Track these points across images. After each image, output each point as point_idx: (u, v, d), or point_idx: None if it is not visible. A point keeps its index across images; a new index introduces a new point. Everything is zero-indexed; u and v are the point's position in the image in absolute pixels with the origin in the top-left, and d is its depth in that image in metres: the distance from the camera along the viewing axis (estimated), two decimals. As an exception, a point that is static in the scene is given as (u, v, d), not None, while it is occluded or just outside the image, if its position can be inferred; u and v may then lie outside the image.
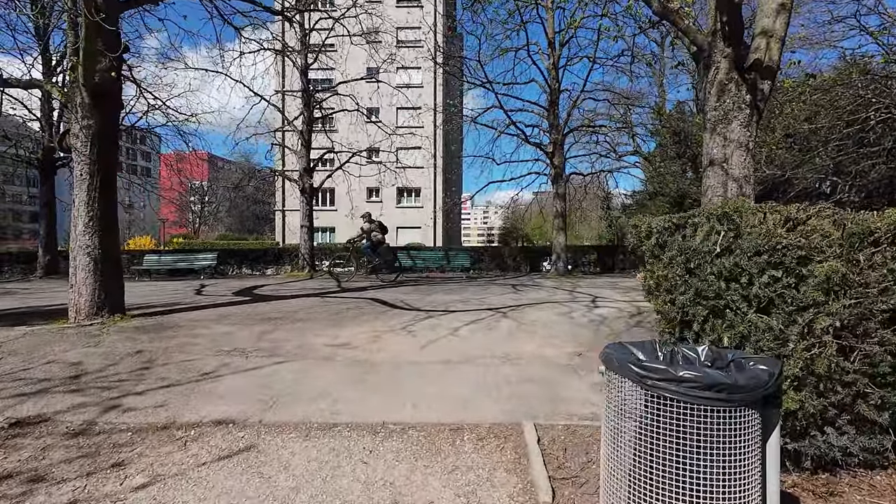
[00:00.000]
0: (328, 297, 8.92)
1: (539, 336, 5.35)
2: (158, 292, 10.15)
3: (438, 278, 14.38)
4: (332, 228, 34.58)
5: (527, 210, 19.71)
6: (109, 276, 6.26)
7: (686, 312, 2.09)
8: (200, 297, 9.18)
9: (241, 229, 64.14)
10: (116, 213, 6.53)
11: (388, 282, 12.43)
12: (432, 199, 34.10)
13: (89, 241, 6.15)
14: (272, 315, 6.69)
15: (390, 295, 9.25)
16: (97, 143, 6.29)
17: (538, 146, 15.61)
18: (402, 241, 33.02)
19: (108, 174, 6.41)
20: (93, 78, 6.26)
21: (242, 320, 6.25)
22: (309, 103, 15.50)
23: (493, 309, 7.35)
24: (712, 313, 2.04)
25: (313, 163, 15.74)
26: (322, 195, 34.27)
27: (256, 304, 7.87)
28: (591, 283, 11.97)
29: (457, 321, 6.29)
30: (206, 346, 4.73)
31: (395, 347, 4.84)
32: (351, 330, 5.72)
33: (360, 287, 11.03)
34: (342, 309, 7.37)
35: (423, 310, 7.34)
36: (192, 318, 6.42)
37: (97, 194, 6.24)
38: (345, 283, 12.07)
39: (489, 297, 8.88)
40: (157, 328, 5.58)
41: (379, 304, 7.89)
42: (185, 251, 17.11)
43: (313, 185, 15.61)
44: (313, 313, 6.94)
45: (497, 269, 17.75)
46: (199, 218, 67.50)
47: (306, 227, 15.33)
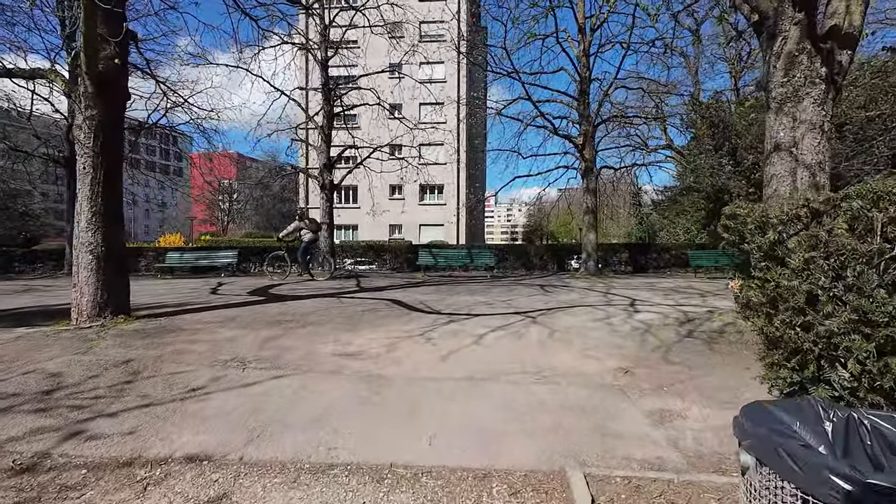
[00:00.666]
0: (344, 298, 8.45)
1: (575, 346, 4.68)
2: (175, 291, 9.91)
3: (462, 278, 13.78)
4: (354, 226, 34.46)
5: (554, 207, 18.85)
6: (113, 274, 5.92)
7: (833, 344, 1.42)
8: (214, 296, 8.86)
9: (268, 227, 65.15)
10: (122, 209, 6.19)
11: (410, 283, 11.92)
12: (455, 195, 33.48)
13: (92, 237, 5.82)
14: (283, 317, 6.24)
15: (410, 296, 8.70)
16: (101, 134, 5.95)
17: (568, 138, 14.78)
18: (425, 238, 32.58)
19: (113, 168, 6.08)
20: (96, 66, 5.92)
21: (250, 323, 5.80)
22: (329, 98, 15.12)
23: (521, 313, 6.69)
24: (885, 347, 1.35)
25: (334, 159, 15.36)
26: (345, 193, 34.18)
27: (269, 305, 7.46)
28: (626, 284, 11.12)
29: (481, 327, 5.68)
30: (203, 354, 4.28)
31: (412, 358, 4.26)
32: (365, 335, 5.19)
33: (379, 287, 10.54)
34: (357, 311, 6.86)
35: (444, 313, 6.75)
36: (198, 319, 6.03)
37: (101, 188, 5.90)
38: (364, 284, 11.61)
39: (516, 300, 8.21)
40: (158, 331, 5.18)
41: (397, 306, 7.35)
42: (207, 249, 17.07)
43: (333, 181, 15.23)
44: (326, 315, 6.45)
45: (522, 269, 17.02)
46: (227, 216, 68.95)
47: (326, 224, 14.96)
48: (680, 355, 4.28)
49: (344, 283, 11.90)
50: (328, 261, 13.12)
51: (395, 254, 17.38)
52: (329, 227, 14.99)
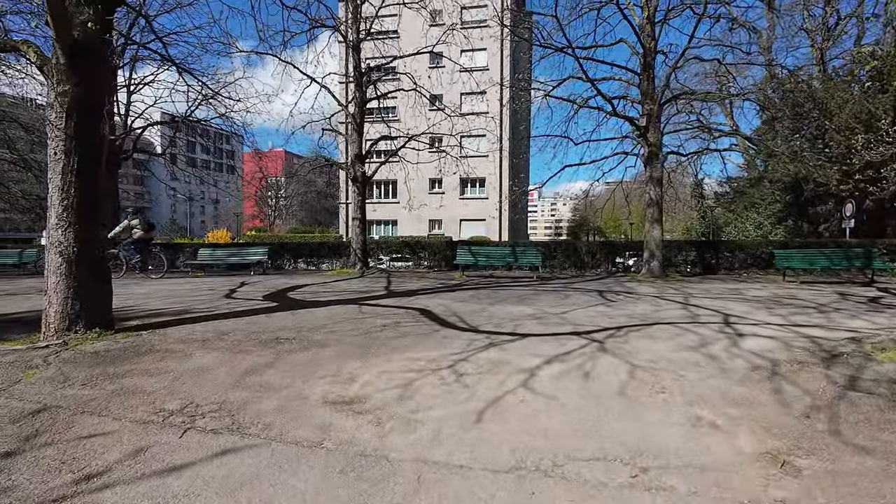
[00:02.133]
0: (367, 305, 7.25)
1: (676, 400, 3.16)
2: (191, 293, 9.14)
3: (505, 279, 12.30)
4: (393, 221, 33.64)
5: (609, 199, 16.86)
6: (88, 280, 4.99)
7: None
8: (226, 300, 7.94)
9: (313, 222, 66.26)
10: (100, 203, 5.26)
11: (446, 285, 10.61)
12: (497, 189, 31.87)
13: (62, 236, 4.91)
14: (284, 333, 5.09)
15: (443, 304, 7.38)
16: (74, 114, 5.02)
17: (629, 120, 12.87)
18: (465, 234, 31.23)
19: (90, 154, 5.14)
20: (69, 32, 4.98)
21: (241, 342, 4.69)
22: (361, 83, 14.03)
23: (583, 333, 5.19)
24: None
25: (367, 150, 14.31)
26: (384, 187, 33.44)
27: (276, 315, 6.37)
28: (704, 291, 9.23)
29: (531, 355, 4.25)
30: (151, 396, 3.15)
31: (432, 415, 2.92)
32: (375, 366, 3.91)
33: (410, 290, 9.29)
34: (376, 325, 5.62)
35: (482, 330, 5.37)
36: (183, 336, 4.99)
37: (73, 178, 4.97)
38: (395, 286, 10.42)
39: (572, 312, 6.68)
40: (121, 355, 4.15)
41: (425, 319, 6.04)
42: (238, 246, 16.59)
43: (366, 173, 14.17)
44: (337, 331, 5.25)
45: (572, 268, 15.27)
46: (274, 212, 70.79)
47: (358, 219, 13.95)
48: (862, 430, 2.66)
49: (373, 283, 10.78)
50: (162, 260, 12.82)
51: (432, 251, 16.14)
52: (361, 222, 13.96)
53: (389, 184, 32.91)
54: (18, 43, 5.18)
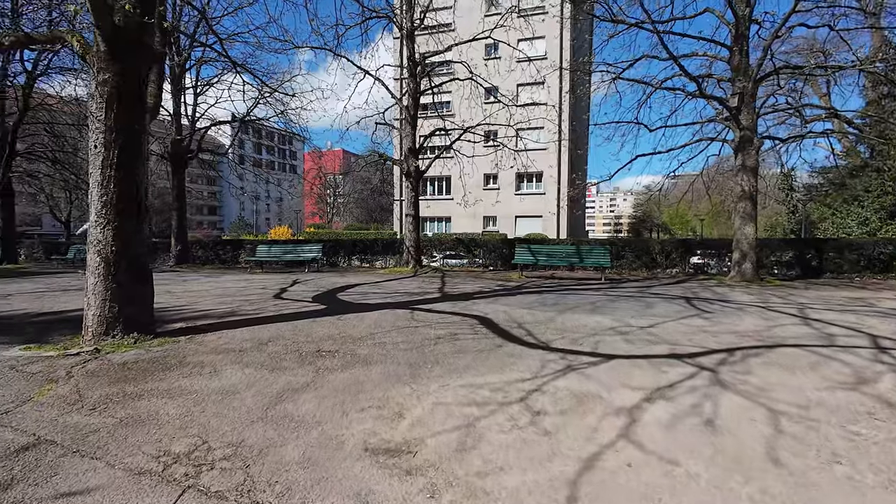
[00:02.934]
0: (419, 310, 6.56)
1: (868, 479, 2.13)
2: (243, 292, 8.97)
3: (569, 281, 11.21)
4: (447, 218, 33.08)
5: (688, 189, 15.09)
6: (128, 281, 4.69)
7: None
8: (273, 301, 7.60)
9: (369, 219, 67.55)
10: (141, 199, 4.94)
11: (504, 287, 9.75)
12: (556, 183, 30.34)
13: (101, 234, 4.63)
14: (327, 345, 4.51)
15: (504, 310, 6.54)
16: (115, 104, 4.73)
17: (719, 101, 11.26)
18: (521, 231, 30.05)
19: (131, 147, 4.83)
20: (109, 17, 4.68)
21: (279, 355, 4.15)
22: (414, 73, 13.43)
23: (685, 357, 4.15)
24: None
25: (421, 143, 13.72)
26: (438, 183, 32.97)
27: (321, 320, 5.84)
28: (822, 300, 7.66)
29: (624, 387, 3.33)
30: (160, 430, 2.61)
31: (503, 481, 2.12)
32: (429, 395, 3.18)
33: (465, 293, 8.51)
34: (429, 337, 4.90)
35: (555, 347, 4.48)
36: (220, 344, 4.55)
37: (112, 172, 4.68)
38: (449, 287, 9.70)
39: (661, 325, 5.59)
40: (148, 369, 3.72)
41: (485, 330, 5.24)
42: (294, 243, 16.66)
43: (419, 168, 13.58)
44: (386, 343, 4.59)
45: (643, 269, 13.81)
46: (332, 209, 72.97)
47: (411, 216, 13.40)
48: None
49: (426, 283, 10.14)
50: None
51: (487, 249, 15.29)
52: (414, 219, 13.40)
53: (443, 180, 32.40)
54: (64, 32, 4.98)
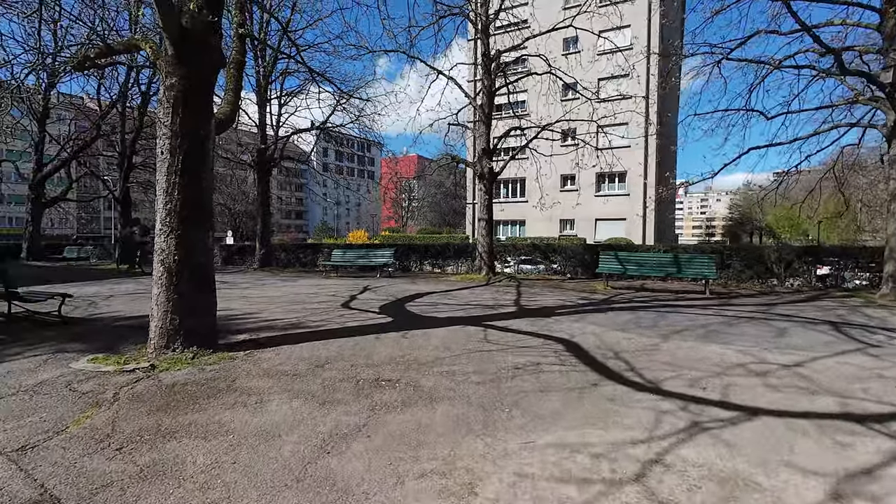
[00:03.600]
0: (494, 328, 5.80)
1: None
2: (310, 299, 8.85)
3: (665, 295, 9.76)
4: (521, 222, 31.92)
5: (816, 185, 12.69)
6: (191, 291, 4.49)
7: None
8: (341, 311, 7.28)
9: (442, 223, 68.15)
10: (206, 205, 4.75)
11: (589, 301, 8.66)
12: (642, 183, 27.93)
13: (164, 243, 4.48)
14: (388, 371, 3.93)
15: (595, 334, 5.55)
16: (180, 109, 4.58)
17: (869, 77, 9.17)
18: (602, 235, 28.05)
19: (196, 152, 4.65)
20: (177, 20, 4.54)
21: (334, 384, 3.64)
22: (489, 70, 12.73)
23: (870, 419, 2.95)
24: None
25: (495, 143, 12.96)
26: (511, 186, 31.95)
27: (387, 338, 5.32)
28: None
29: (786, 464, 2.31)
30: (179, 489, 2.14)
31: None
32: (508, 457, 2.43)
33: (545, 307, 7.58)
34: (507, 366, 4.13)
35: (668, 391, 3.49)
36: (276, 364, 4.17)
37: (177, 179, 4.52)
38: (526, 298, 8.81)
39: (812, 362, 4.28)
40: (195, 393, 3.38)
41: (574, 360, 4.35)
42: (368, 247, 16.73)
43: (493, 169, 12.83)
44: (456, 373, 3.90)
45: (754, 280, 11.79)
46: (406, 213, 74.68)
47: (484, 220, 12.69)
48: None
49: (500, 293, 9.34)
50: (149, 262, 14.63)
51: (566, 255, 14.10)
52: (487, 223, 12.66)
53: (517, 182, 31.31)
54: (138, 40, 4.99)
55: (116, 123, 21.23)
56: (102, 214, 57.17)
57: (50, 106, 22.37)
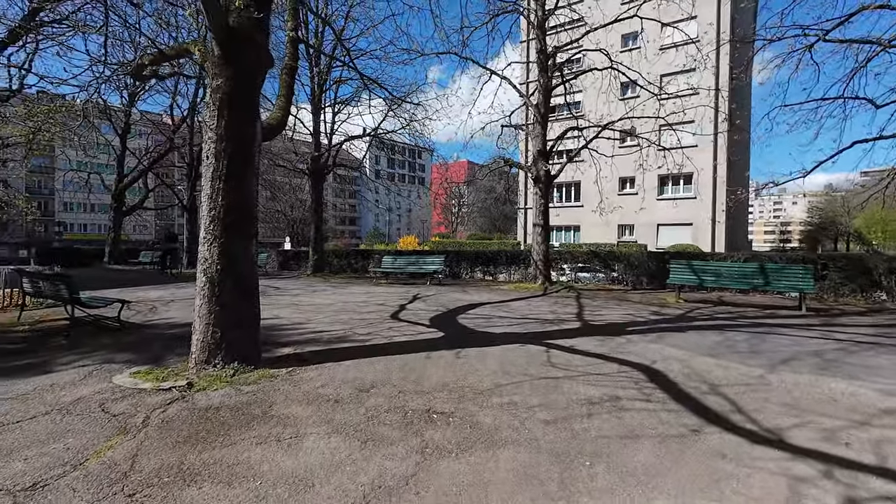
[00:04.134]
0: (557, 348, 5.14)
1: None
2: (359, 308, 8.57)
3: (747, 308, 8.56)
4: (575, 227, 30.54)
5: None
6: (231, 303, 4.24)
7: None
8: (390, 323, 6.89)
9: (492, 229, 67.44)
10: (251, 212, 4.50)
11: (663, 317, 7.72)
12: (711, 185, 25.81)
13: (207, 252, 4.27)
14: (440, 402, 3.43)
15: (678, 356, 4.74)
16: (226, 111, 4.37)
17: None
18: (665, 242, 26.18)
19: (241, 156, 4.43)
20: (224, 18, 4.36)
21: (379, 415, 3.19)
22: (546, 67, 12.04)
23: None
24: None
25: (551, 146, 12.23)
26: (566, 190, 30.71)
27: (438, 357, 4.82)
28: None
29: None
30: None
31: None
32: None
33: (611, 323, 6.76)
34: (579, 400, 3.48)
35: (796, 446, 2.70)
36: (317, 386, 3.79)
37: (221, 184, 4.30)
38: (589, 312, 8.01)
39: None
40: (227, 422, 3.05)
41: (660, 394, 3.61)
42: (418, 254, 16.44)
43: (549, 172, 12.08)
44: (518, 406, 3.32)
45: (856, 294, 10.17)
46: (456, 218, 74.58)
47: (539, 226, 11.95)
48: None
49: (559, 305, 8.59)
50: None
51: (629, 264, 13.01)
52: (543, 229, 11.92)
53: (572, 186, 30.04)
54: (188, 44, 4.88)
55: (187, 136, 22.62)
56: (177, 221, 61.73)
57: (131, 123, 24.28)
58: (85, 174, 26.29)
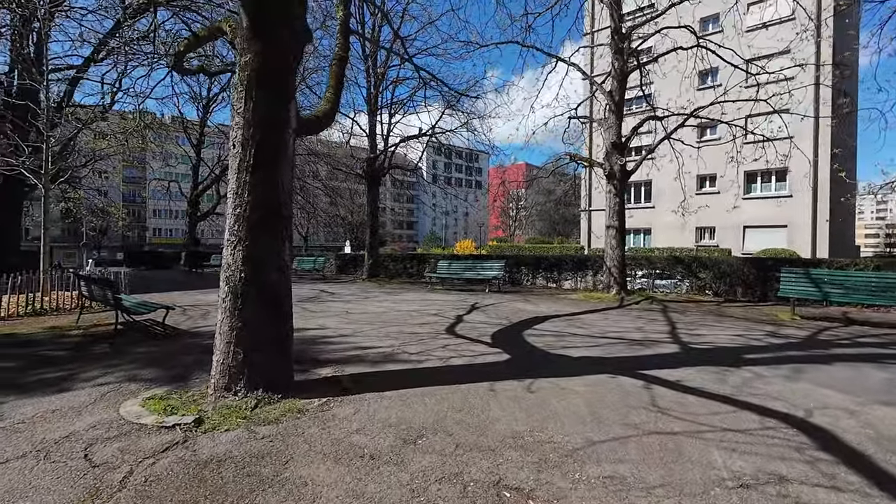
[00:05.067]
0: (660, 386, 3.94)
1: None
2: (412, 318, 7.78)
3: (890, 328, 6.72)
4: (646, 230, 28.08)
5: None
6: (256, 318, 3.55)
7: None
8: (445, 339, 6.01)
9: (551, 232, 65.08)
10: (283, 211, 3.79)
11: (785, 339, 6.18)
12: (811, 181, 22.51)
13: (230, 256, 3.61)
14: (513, 469, 2.46)
15: (844, 405, 3.40)
16: (254, 92, 3.72)
17: None
18: (753, 246, 23.27)
19: (270, 144, 3.75)
20: (255, -13, 3.72)
21: (427, 485, 2.28)
22: (620, 48, 10.67)
23: None
24: None
25: (627, 136, 10.82)
26: (635, 190, 28.37)
27: (504, 391, 3.84)
28: None
29: None
30: None
31: None
32: None
33: (723, 349, 5.38)
34: (723, 478, 2.35)
35: None
36: (351, 431, 2.96)
37: (248, 177, 3.64)
38: (684, 330, 6.62)
39: None
40: (227, 488, 2.27)
41: (850, 478, 2.38)
42: (476, 258, 15.51)
43: (625, 167, 10.67)
44: (629, 487, 2.27)
45: None
46: (514, 222, 72.73)
47: (614, 227, 10.57)
48: None
49: (644, 322, 7.25)
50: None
51: (720, 271, 11.20)
52: (618, 231, 10.54)
53: (642, 185, 27.69)
54: (220, 22, 4.34)
55: None
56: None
57: (205, 134, 25.71)
58: (166, 183, 28.22)
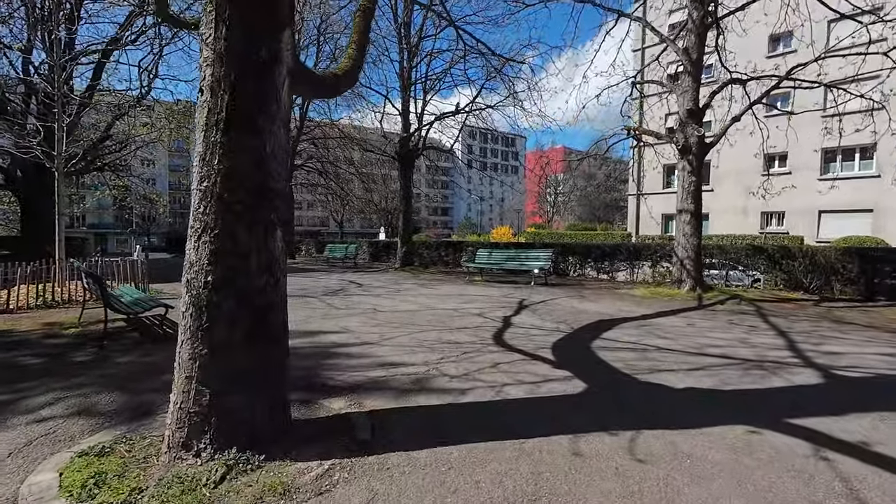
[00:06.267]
0: (842, 454, 2.56)
1: None
2: (451, 319, 6.58)
3: None
4: (704, 216, 25.52)
5: None
6: (229, 343, 2.42)
7: None
8: (492, 351, 4.76)
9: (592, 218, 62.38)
10: (273, 185, 2.62)
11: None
12: (906, 158, 19.51)
13: (194, 252, 2.48)
14: None
15: None
16: (227, 11, 2.53)
17: None
18: (829, 234, 20.63)
19: (252, 88, 2.55)
20: None
21: None
22: (701, -4, 8.83)
23: None
24: None
25: (706, 102, 9.04)
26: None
27: (593, 458, 2.56)
28: None
29: None
30: None
31: None
32: None
33: (864, 376, 3.86)
34: None
35: None
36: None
37: (219, 136, 2.48)
38: (807, 344, 5.07)
39: None
40: None
41: None
42: (517, 246, 14.13)
43: (704, 138, 8.93)
44: None
45: None
46: (553, 208, 70.05)
47: (688, 211, 8.91)
48: None
49: (739, 328, 5.72)
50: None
51: (814, 264, 9.35)
52: (693, 216, 8.90)
53: (700, 166, 25.09)
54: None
55: (295, 134, 22.81)
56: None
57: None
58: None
